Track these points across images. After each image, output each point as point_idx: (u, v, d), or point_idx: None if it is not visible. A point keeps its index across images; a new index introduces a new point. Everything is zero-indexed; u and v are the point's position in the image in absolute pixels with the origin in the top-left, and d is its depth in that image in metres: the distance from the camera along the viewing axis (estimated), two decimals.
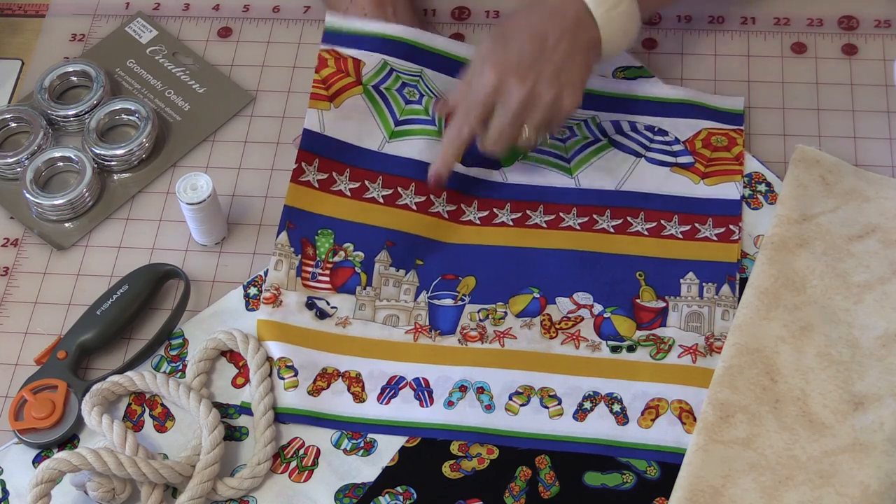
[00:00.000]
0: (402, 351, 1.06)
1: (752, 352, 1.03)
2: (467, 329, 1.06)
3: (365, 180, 1.12)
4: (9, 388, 1.07)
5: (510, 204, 1.13)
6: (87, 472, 0.98)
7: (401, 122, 1.14)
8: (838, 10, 1.26)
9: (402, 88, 1.15)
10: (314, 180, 1.12)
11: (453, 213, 1.12)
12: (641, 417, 1.02)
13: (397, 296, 1.08)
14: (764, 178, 1.14)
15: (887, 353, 1.02)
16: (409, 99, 1.15)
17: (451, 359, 1.05)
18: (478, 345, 1.06)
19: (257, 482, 1.01)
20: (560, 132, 1.16)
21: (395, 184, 1.12)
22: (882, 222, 1.09)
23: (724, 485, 0.97)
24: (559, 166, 1.15)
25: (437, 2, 1.29)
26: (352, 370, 1.05)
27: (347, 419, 1.03)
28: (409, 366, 1.05)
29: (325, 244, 1.10)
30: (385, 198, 1.12)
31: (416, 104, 1.15)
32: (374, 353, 1.06)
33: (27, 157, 1.17)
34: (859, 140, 1.16)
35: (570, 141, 1.16)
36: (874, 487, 0.96)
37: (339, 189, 1.12)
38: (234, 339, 1.06)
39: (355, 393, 1.04)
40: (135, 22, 1.29)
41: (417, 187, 1.12)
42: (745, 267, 1.09)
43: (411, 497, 0.99)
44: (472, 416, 1.02)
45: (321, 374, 1.05)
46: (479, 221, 1.12)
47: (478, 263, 1.10)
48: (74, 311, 1.10)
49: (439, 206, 1.12)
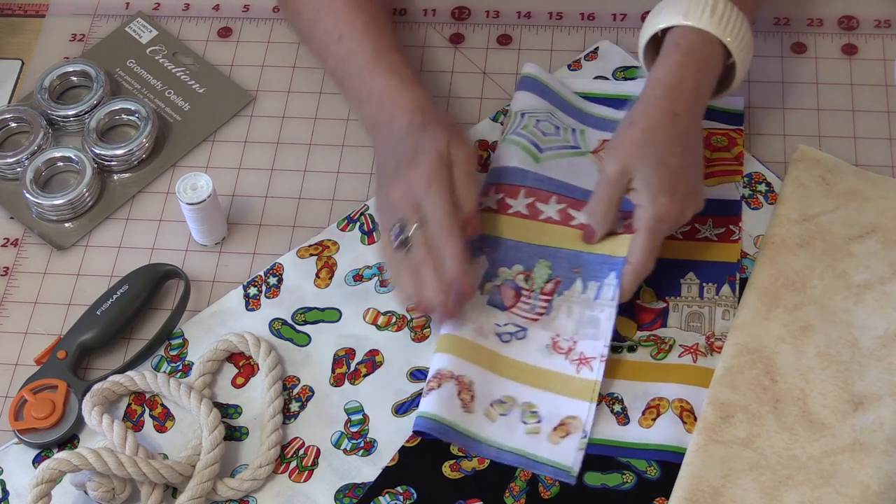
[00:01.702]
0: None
1: (752, 352, 1.03)
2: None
3: (537, 202, 1.11)
4: (9, 388, 1.07)
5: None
6: (87, 472, 0.98)
7: (543, 150, 1.13)
8: (838, 10, 1.26)
9: (538, 124, 1.15)
10: (522, 208, 1.11)
11: (501, 205, 1.12)
12: (642, 417, 1.01)
13: None
14: (764, 178, 1.14)
15: (887, 353, 1.02)
16: (546, 132, 1.14)
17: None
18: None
19: (257, 484, 1.00)
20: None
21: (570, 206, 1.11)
22: (882, 222, 1.09)
23: (724, 485, 0.97)
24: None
25: (437, 2, 1.29)
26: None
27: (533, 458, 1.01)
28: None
29: (544, 274, 1.08)
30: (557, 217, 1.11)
31: (553, 135, 1.14)
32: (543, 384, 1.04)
33: (27, 157, 1.17)
34: (859, 140, 1.16)
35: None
36: (874, 487, 0.96)
37: (517, 211, 1.11)
38: (246, 342, 1.06)
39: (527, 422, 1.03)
40: (135, 22, 1.29)
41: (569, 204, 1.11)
42: (745, 267, 1.09)
43: (411, 497, 0.99)
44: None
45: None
46: (496, 206, 1.11)
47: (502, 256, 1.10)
48: (74, 311, 1.10)
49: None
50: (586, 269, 1.07)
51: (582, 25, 1.26)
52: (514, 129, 1.15)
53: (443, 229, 1.02)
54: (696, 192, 1.06)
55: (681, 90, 1.06)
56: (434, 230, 1.03)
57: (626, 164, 1.04)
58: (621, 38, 1.25)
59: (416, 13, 1.28)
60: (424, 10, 1.28)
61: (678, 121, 1.05)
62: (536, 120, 1.15)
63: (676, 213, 1.04)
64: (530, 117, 1.15)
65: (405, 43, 1.26)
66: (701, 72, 1.07)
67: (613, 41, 1.24)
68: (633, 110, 1.07)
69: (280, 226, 1.15)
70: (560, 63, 1.23)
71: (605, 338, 1.03)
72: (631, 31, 1.25)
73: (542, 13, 1.27)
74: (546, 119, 1.15)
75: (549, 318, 1.06)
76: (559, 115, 1.17)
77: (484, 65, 1.24)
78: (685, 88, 1.06)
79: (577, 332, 1.05)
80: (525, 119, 1.15)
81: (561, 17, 1.27)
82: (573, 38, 1.25)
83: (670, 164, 1.03)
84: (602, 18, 1.26)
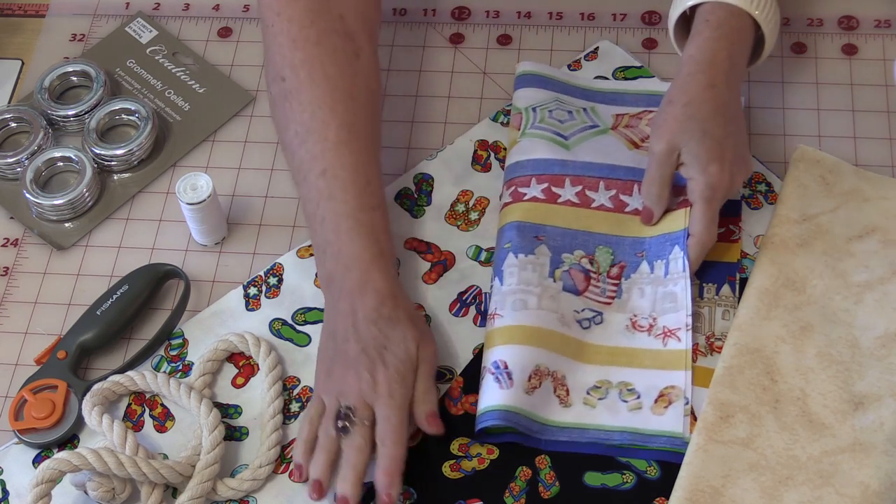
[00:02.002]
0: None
1: (752, 352, 1.03)
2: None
3: (587, 190, 1.11)
4: (9, 388, 1.07)
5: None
6: (87, 472, 0.98)
7: (568, 137, 1.14)
8: (838, 10, 1.26)
9: (551, 114, 1.15)
10: (572, 196, 1.11)
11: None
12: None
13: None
14: (764, 178, 1.14)
15: (887, 353, 1.02)
16: (562, 119, 1.15)
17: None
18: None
19: (257, 484, 1.01)
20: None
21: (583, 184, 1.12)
22: (882, 222, 1.09)
23: (724, 485, 0.97)
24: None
25: (437, 2, 1.29)
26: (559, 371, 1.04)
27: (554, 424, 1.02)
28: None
29: (608, 259, 1.09)
30: (609, 202, 1.12)
31: (570, 121, 1.15)
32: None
33: (27, 157, 1.17)
34: (859, 140, 1.16)
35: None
36: (874, 487, 0.96)
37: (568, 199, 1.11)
38: (246, 342, 1.06)
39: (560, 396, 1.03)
40: (135, 22, 1.29)
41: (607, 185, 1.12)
42: (745, 267, 1.09)
43: (411, 497, 0.99)
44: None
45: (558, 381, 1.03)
46: (511, 198, 1.11)
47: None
48: (74, 311, 1.10)
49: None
50: (650, 250, 1.08)
51: (582, 25, 1.26)
52: (531, 124, 1.15)
53: (395, 445, 0.97)
54: (744, 159, 1.08)
55: (715, 63, 1.07)
56: (382, 437, 0.98)
57: (673, 141, 1.06)
58: (621, 38, 1.25)
59: (416, 13, 1.28)
60: (424, 10, 1.28)
61: (717, 92, 1.06)
62: (549, 111, 1.16)
63: (728, 181, 1.06)
64: (542, 110, 1.16)
65: (405, 43, 1.26)
66: (733, 44, 1.08)
67: (613, 41, 1.24)
68: (671, 89, 1.08)
69: (280, 226, 1.15)
70: (560, 63, 1.23)
71: (686, 307, 1.04)
72: (631, 31, 1.25)
73: (542, 13, 1.27)
74: (557, 107, 1.16)
75: (622, 301, 1.07)
76: (566, 98, 1.17)
77: (484, 65, 1.24)
78: (719, 61, 1.07)
79: (654, 310, 1.06)
80: (538, 113, 1.16)
81: (561, 17, 1.27)
82: (573, 38, 1.25)
83: (714, 135, 1.05)
84: (602, 18, 1.26)
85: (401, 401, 0.99)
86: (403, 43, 1.26)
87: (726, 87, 1.07)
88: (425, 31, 1.27)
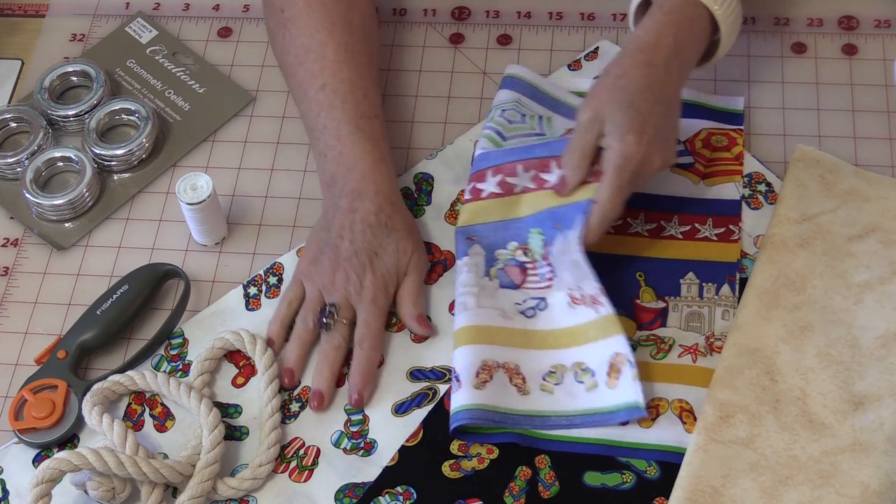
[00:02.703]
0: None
1: (752, 352, 1.03)
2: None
3: (506, 178, 1.11)
4: (9, 388, 1.07)
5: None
6: (87, 472, 0.98)
7: (507, 138, 1.14)
8: (838, 10, 1.26)
9: (503, 113, 1.16)
10: (492, 189, 1.11)
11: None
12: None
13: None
14: (764, 178, 1.14)
15: (887, 353, 1.02)
16: (512, 120, 1.15)
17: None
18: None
19: (258, 483, 1.01)
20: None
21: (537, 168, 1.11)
22: (882, 222, 1.09)
23: (724, 485, 0.97)
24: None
25: (437, 2, 1.29)
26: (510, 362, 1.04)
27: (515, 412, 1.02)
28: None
29: (538, 241, 1.09)
30: (532, 184, 1.11)
31: (518, 123, 1.15)
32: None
33: (27, 157, 1.17)
34: (859, 140, 1.16)
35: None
36: (874, 487, 0.96)
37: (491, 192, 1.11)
38: (242, 340, 1.06)
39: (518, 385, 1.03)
40: (135, 22, 1.29)
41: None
42: (745, 267, 1.09)
43: (411, 497, 0.99)
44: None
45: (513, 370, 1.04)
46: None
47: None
48: (74, 311, 1.10)
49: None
50: (563, 220, 1.07)
51: (582, 25, 1.26)
52: (484, 125, 1.16)
53: (372, 349, 1.04)
54: (666, 141, 1.06)
55: (657, 45, 1.06)
56: (360, 339, 1.04)
57: (598, 110, 1.05)
58: (621, 38, 1.25)
59: (416, 13, 1.28)
60: (424, 10, 1.28)
61: (653, 71, 1.05)
62: (502, 110, 1.16)
63: (643, 154, 1.03)
64: (497, 108, 1.16)
65: (405, 43, 1.26)
66: (681, 31, 1.07)
67: (613, 41, 1.24)
68: (609, 64, 1.08)
69: (280, 226, 1.15)
70: (560, 63, 1.23)
71: (591, 275, 1.03)
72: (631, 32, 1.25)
73: (542, 13, 1.27)
74: (513, 108, 1.16)
75: (558, 278, 1.07)
76: (527, 102, 1.17)
77: (484, 65, 1.24)
78: (662, 44, 1.06)
79: (574, 279, 1.05)
80: (493, 112, 1.16)
81: (561, 17, 1.27)
82: (573, 38, 1.25)
83: (640, 108, 1.04)
84: (602, 18, 1.26)
85: (382, 308, 1.05)
86: (403, 43, 1.26)
87: (664, 69, 1.06)
88: (425, 31, 1.27)
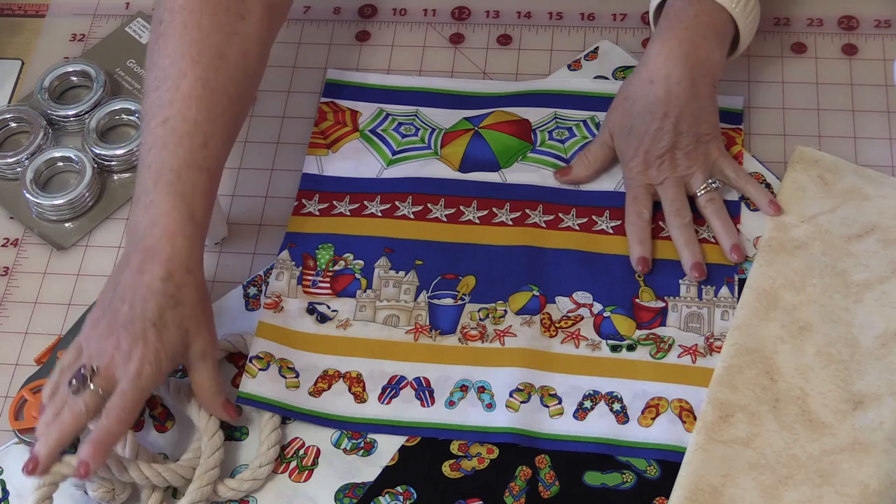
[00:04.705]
0: (403, 351, 1.06)
1: (752, 351, 1.03)
2: (468, 328, 1.06)
3: (364, 201, 1.14)
4: (9, 388, 1.07)
5: (509, 204, 1.13)
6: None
7: (398, 152, 1.16)
8: (838, 10, 1.26)
9: (399, 127, 1.18)
10: (315, 210, 1.13)
11: (452, 216, 1.12)
12: (642, 416, 1.01)
13: (397, 296, 1.08)
14: (763, 178, 1.14)
15: (887, 353, 1.02)
16: (406, 134, 1.17)
17: (452, 358, 1.05)
18: (478, 344, 1.06)
19: (258, 484, 1.00)
20: (559, 133, 1.16)
21: (393, 199, 1.13)
22: (881, 221, 1.09)
23: (724, 484, 0.97)
24: (557, 167, 1.15)
25: (437, 2, 1.29)
26: (353, 371, 1.05)
27: (349, 419, 1.03)
28: (409, 365, 1.05)
29: (326, 256, 1.11)
30: (383, 212, 1.12)
31: (412, 136, 1.17)
32: (374, 353, 1.06)
33: (27, 157, 1.18)
34: (859, 140, 1.16)
35: (569, 141, 1.16)
36: (874, 487, 0.96)
37: (340, 212, 1.13)
38: (244, 342, 1.06)
39: (356, 393, 1.04)
40: (135, 22, 1.29)
41: (414, 199, 1.13)
42: (744, 269, 1.09)
43: (411, 497, 0.99)
44: (472, 416, 1.02)
45: (322, 376, 1.05)
46: (479, 221, 1.12)
47: (477, 263, 1.10)
48: (74, 311, 1.10)
49: (437, 212, 1.12)
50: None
51: (582, 25, 1.26)
52: (376, 126, 1.18)
53: (118, 423, 0.95)
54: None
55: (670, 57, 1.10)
56: (109, 409, 0.95)
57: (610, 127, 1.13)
58: (621, 38, 1.25)
59: (416, 13, 1.28)
60: (424, 10, 1.28)
61: (654, 88, 1.10)
62: (398, 123, 1.18)
63: None
64: (392, 120, 1.18)
65: (405, 43, 1.26)
66: (702, 38, 1.10)
67: (613, 41, 1.24)
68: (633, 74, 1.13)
69: (280, 226, 1.15)
70: (560, 63, 1.23)
71: None
72: (631, 31, 1.25)
73: (542, 13, 1.27)
74: (410, 122, 1.18)
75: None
76: (423, 113, 1.19)
77: (484, 65, 1.24)
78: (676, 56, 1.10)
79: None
80: (386, 122, 1.19)
81: (561, 17, 1.27)
82: (573, 38, 1.25)
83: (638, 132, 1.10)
84: (602, 18, 1.26)
85: (146, 383, 0.95)
86: (403, 43, 1.26)
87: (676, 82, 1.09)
88: (425, 31, 1.27)
